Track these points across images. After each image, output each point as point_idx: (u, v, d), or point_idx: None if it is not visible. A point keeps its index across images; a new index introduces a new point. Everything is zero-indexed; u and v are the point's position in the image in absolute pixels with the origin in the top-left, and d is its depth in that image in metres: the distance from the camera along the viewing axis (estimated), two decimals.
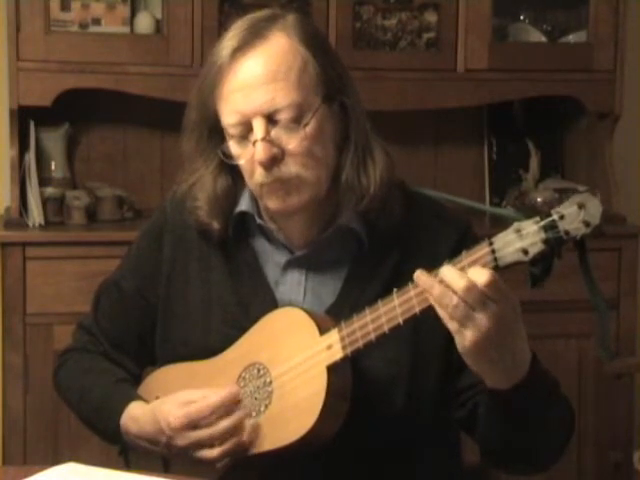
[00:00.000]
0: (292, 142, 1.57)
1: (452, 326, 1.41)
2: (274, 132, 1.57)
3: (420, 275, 1.43)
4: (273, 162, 1.57)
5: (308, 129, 1.57)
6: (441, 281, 1.41)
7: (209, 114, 1.63)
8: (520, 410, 1.50)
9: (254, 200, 1.69)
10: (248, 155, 1.59)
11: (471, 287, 1.38)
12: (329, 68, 1.62)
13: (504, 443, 1.57)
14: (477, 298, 1.39)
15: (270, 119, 1.57)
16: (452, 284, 1.40)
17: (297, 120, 1.57)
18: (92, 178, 3.14)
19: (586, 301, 1.46)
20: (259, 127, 1.57)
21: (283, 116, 1.57)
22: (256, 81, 1.56)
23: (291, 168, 1.58)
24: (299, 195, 1.60)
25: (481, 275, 1.39)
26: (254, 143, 1.57)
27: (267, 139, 1.56)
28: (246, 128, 1.59)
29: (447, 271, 1.41)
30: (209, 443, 1.58)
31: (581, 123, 3.31)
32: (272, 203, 1.61)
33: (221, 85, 1.59)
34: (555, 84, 3.11)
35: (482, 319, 1.39)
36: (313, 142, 1.58)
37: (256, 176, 1.60)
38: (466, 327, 1.40)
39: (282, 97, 1.56)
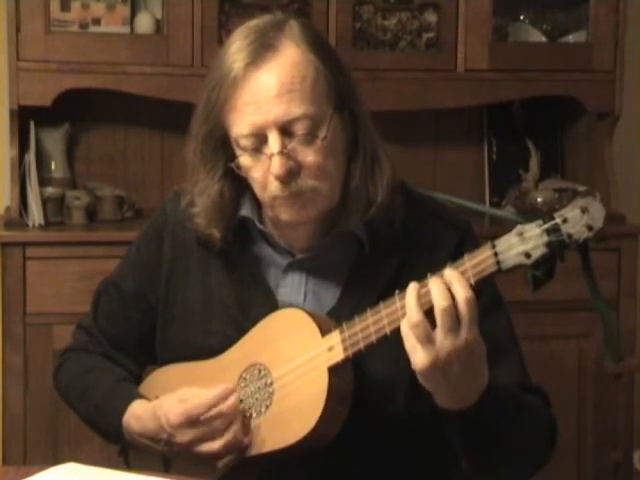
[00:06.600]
0: (309, 155, 1.56)
1: (409, 344, 1.43)
2: (290, 145, 1.55)
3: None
4: (290, 176, 1.55)
5: (326, 142, 1.56)
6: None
7: (218, 126, 1.61)
8: (470, 429, 1.51)
9: (256, 206, 1.68)
10: (262, 168, 1.58)
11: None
12: (339, 75, 1.60)
13: (466, 454, 1.59)
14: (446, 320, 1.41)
15: (285, 131, 1.55)
16: (407, 304, 1.43)
17: (313, 132, 1.56)
18: (92, 178, 3.13)
19: (586, 301, 1.47)
20: (275, 140, 1.55)
21: (298, 127, 1.55)
22: (271, 93, 1.55)
23: (308, 181, 1.57)
24: (315, 207, 1.59)
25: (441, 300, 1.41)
26: (270, 157, 1.55)
27: (284, 152, 1.55)
28: (259, 140, 1.57)
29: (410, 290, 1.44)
30: (209, 437, 1.58)
31: (581, 123, 3.31)
32: (285, 215, 1.60)
33: (234, 98, 1.57)
34: (555, 84, 3.11)
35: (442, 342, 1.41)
36: (328, 154, 1.57)
37: (271, 189, 1.58)
38: (423, 347, 1.42)
39: (297, 107, 1.54)
